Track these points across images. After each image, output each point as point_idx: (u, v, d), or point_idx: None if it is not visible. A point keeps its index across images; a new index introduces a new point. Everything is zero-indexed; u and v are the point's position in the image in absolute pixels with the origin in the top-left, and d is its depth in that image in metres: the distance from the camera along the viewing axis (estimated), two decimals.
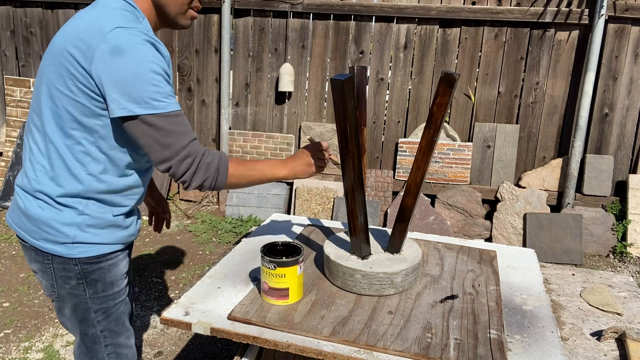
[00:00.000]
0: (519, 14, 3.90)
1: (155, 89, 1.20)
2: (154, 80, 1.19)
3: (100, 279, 1.40)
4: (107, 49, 1.17)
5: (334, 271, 1.46)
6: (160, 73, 1.21)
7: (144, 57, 1.18)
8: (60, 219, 1.32)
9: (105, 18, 1.22)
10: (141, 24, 1.27)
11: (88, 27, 1.21)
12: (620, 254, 3.83)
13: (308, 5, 4.17)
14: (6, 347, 2.56)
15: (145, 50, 1.19)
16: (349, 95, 1.27)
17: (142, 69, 1.18)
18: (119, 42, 1.17)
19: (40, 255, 1.36)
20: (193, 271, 3.46)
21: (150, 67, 1.19)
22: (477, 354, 1.17)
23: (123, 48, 1.17)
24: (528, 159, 4.18)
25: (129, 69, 1.17)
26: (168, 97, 1.22)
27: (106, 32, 1.18)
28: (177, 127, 1.23)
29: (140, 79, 1.18)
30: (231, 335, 1.24)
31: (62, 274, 1.37)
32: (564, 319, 1.54)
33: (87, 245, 1.35)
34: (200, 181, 1.29)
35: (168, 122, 1.22)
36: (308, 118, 4.43)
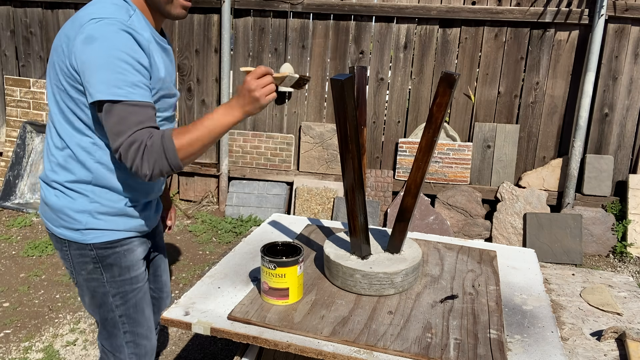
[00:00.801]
0: (519, 14, 3.90)
1: (119, 77, 1.20)
2: (119, 68, 1.20)
3: (116, 263, 1.45)
4: (81, 39, 1.22)
5: (334, 271, 1.46)
6: (129, 62, 1.22)
7: (112, 44, 1.21)
8: (74, 207, 1.39)
9: (88, 11, 1.26)
10: (129, 17, 1.29)
11: (72, 21, 1.28)
12: (620, 254, 3.83)
13: (308, 5, 4.17)
14: (6, 347, 2.56)
15: (116, 38, 1.21)
16: (349, 95, 1.27)
17: (109, 56, 1.20)
18: (92, 31, 1.21)
19: (60, 242, 1.44)
20: (193, 271, 3.46)
21: (118, 55, 1.20)
22: (477, 354, 1.17)
23: (95, 37, 1.21)
24: (528, 159, 4.18)
25: (97, 56, 1.20)
26: (132, 87, 1.22)
27: (83, 24, 1.23)
28: (133, 115, 1.22)
29: (106, 65, 1.20)
30: (231, 335, 1.24)
31: (79, 260, 1.43)
32: (564, 319, 1.54)
33: (100, 231, 1.40)
34: (151, 166, 1.24)
35: (124, 110, 1.22)
36: (308, 118, 4.43)
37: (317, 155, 4.39)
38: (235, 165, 4.55)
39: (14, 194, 4.51)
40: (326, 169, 4.40)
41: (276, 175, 4.47)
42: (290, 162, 4.45)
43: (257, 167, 4.52)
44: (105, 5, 1.29)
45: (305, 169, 4.43)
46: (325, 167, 4.40)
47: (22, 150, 4.57)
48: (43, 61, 4.80)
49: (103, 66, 1.20)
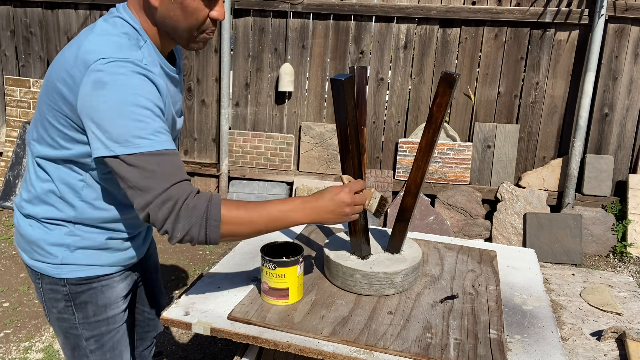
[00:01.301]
0: (519, 14, 3.90)
1: (139, 125, 1.05)
2: (137, 115, 1.05)
3: (91, 301, 1.28)
4: (89, 83, 1.05)
5: (334, 271, 1.46)
6: (148, 107, 1.07)
7: (127, 89, 1.05)
8: (49, 239, 1.24)
9: (94, 47, 1.09)
10: (139, 51, 1.14)
11: (75, 58, 1.09)
12: (620, 254, 3.83)
13: (308, 5, 4.17)
14: (6, 347, 2.56)
15: (131, 82, 1.06)
16: (349, 95, 1.27)
17: (124, 103, 1.05)
18: (101, 74, 1.05)
19: (33, 274, 1.30)
20: (193, 271, 3.46)
21: (135, 100, 1.05)
22: (477, 354, 1.17)
23: (105, 81, 1.05)
24: (528, 159, 4.18)
25: (110, 103, 1.04)
26: (155, 134, 1.07)
27: (90, 64, 1.06)
28: (161, 167, 1.07)
29: (121, 114, 1.04)
30: (231, 335, 1.24)
31: (50, 295, 1.28)
32: (564, 319, 1.54)
33: (77, 266, 1.25)
34: (185, 230, 1.09)
35: (151, 161, 1.06)
36: (308, 118, 4.43)
37: (317, 155, 4.39)
38: (235, 165, 4.55)
39: (14, 194, 4.51)
40: (326, 169, 4.40)
41: (276, 175, 4.47)
42: (290, 162, 4.45)
43: (257, 167, 4.52)
44: (112, 36, 1.12)
45: (305, 169, 4.43)
46: (325, 167, 4.40)
47: (22, 150, 4.57)
48: (43, 61, 4.80)
49: (119, 115, 1.04)
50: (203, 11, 1.15)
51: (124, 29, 1.15)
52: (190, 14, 1.14)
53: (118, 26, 1.15)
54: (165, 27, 1.18)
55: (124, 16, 1.17)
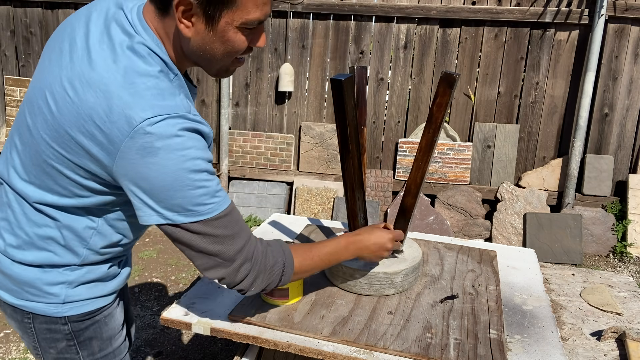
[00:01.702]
0: (519, 14, 3.90)
1: (200, 192, 0.96)
2: (198, 182, 0.96)
3: (96, 336, 1.17)
4: (135, 148, 0.91)
5: (334, 271, 1.46)
6: (204, 169, 0.96)
7: (183, 155, 0.93)
8: (47, 278, 1.09)
9: (131, 99, 0.91)
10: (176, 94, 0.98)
11: (108, 110, 0.91)
12: (620, 254, 3.83)
13: (308, 5, 4.17)
14: (6, 347, 2.56)
15: (184, 143, 0.93)
16: (349, 95, 1.27)
17: (183, 171, 0.93)
18: (151, 139, 0.91)
19: (18, 313, 1.12)
20: (193, 271, 3.46)
21: (192, 166, 0.94)
22: (477, 354, 1.17)
23: (155, 147, 0.91)
24: (528, 159, 4.18)
25: (164, 172, 0.93)
26: (215, 196, 0.99)
27: (135, 125, 0.90)
28: (228, 229, 1.02)
29: (181, 184, 0.94)
30: (231, 335, 1.24)
31: (46, 336, 1.13)
32: (564, 319, 1.54)
33: (79, 302, 1.12)
34: (263, 287, 1.11)
35: (217, 225, 1.00)
36: (308, 118, 4.43)
37: (317, 155, 4.39)
38: (235, 165, 4.55)
39: None
40: (326, 169, 4.40)
41: (276, 175, 4.47)
42: (290, 162, 4.45)
43: (257, 167, 4.52)
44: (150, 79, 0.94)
45: (305, 169, 4.43)
46: (325, 167, 4.40)
47: None
48: None
49: (176, 185, 0.94)
50: (245, 42, 1.01)
51: (156, 65, 0.97)
52: (232, 46, 1.00)
53: (149, 60, 0.96)
54: (197, 58, 1.03)
55: (149, 43, 0.98)
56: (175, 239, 1.01)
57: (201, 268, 1.05)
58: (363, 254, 1.30)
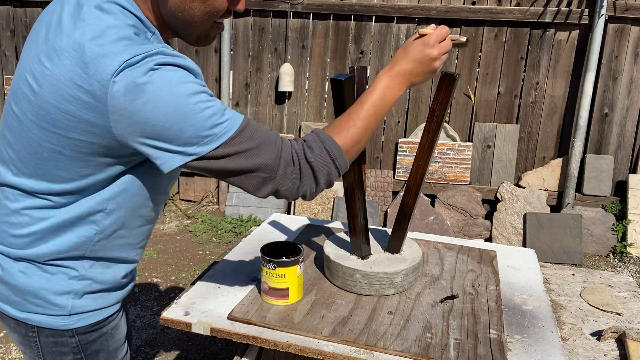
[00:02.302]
0: (519, 14, 3.90)
1: (208, 113, 0.91)
2: (200, 104, 0.90)
3: (103, 349, 1.13)
4: (120, 94, 0.86)
5: (334, 271, 1.46)
6: (202, 90, 0.92)
7: (172, 81, 0.88)
8: (52, 287, 1.03)
9: (104, 49, 0.87)
10: (150, 42, 0.94)
11: (84, 66, 0.87)
12: (620, 254, 3.83)
13: (308, 5, 4.17)
14: (6, 347, 2.56)
15: (167, 74, 0.89)
16: (349, 95, 1.27)
17: (180, 97, 0.88)
18: (130, 79, 0.86)
19: (22, 327, 1.07)
20: (193, 271, 3.46)
21: (187, 89, 0.90)
22: (477, 354, 1.17)
23: (140, 84, 0.86)
24: (528, 159, 4.18)
25: (164, 107, 0.87)
26: (225, 112, 0.94)
27: (113, 71, 0.86)
28: (255, 140, 0.96)
29: (184, 112, 0.89)
30: (231, 335, 1.24)
31: (52, 349, 1.08)
32: (564, 319, 1.54)
33: (87, 312, 1.08)
34: (324, 181, 1.04)
35: (241, 141, 0.94)
36: (308, 118, 4.43)
37: None
38: None
39: None
40: None
41: None
42: None
43: None
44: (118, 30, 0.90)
45: None
46: None
47: None
48: None
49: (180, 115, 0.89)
50: (225, 2, 0.99)
51: (127, 20, 0.93)
52: (211, 4, 0.98)
53: (118, 15, 0.92)
54: (175, 21, 1.00)
55: (120, 1, 0.95)
56: (210, 171, 0.95)
57: (251, 190, 1.00)
58: (413, 80, 1.11)
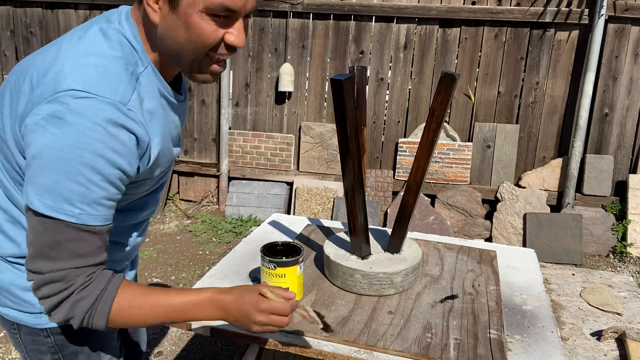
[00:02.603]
0: (519, 14, 3.90)
1: (78, 191, 0.85)
2: (82, 179, 0.85)
3: (81, 350, 1.10)
4: (46, 112, 0.84)
5: (334, 271, 1.46)
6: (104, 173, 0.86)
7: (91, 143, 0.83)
8: (21, 283, 1.03)
9: (75, 69, 0.87)
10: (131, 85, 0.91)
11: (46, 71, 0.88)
12: (620, 254, 3.83)
13: (308, 5, 4.17)
14: (6, 347, 2.56)
15: (96, 133, 0.83)
16: (349, 95, 1.27)
17: (76, 159, 0.83)
18: (65, 109, 0.83)
19: (6, 322, 1.09)
20: (193, 271, 3.46)
21: (91, 161, 0.84)
22: (477, 354, 1.17)
23: (65, 120, 0.83)
24: (528, 159, 4.18)
25: (57, 150, 0.83)
26: (91, 205, 0.87)
27: (58, 91, 0.84)
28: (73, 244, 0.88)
29: (65, 170, 0.84)
30: (231, 335, 1.24)
31: (32, 347, 1.08)
32: (564, 319, 1.54)
33: None
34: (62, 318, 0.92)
35: (66, 233, 0.87)
36: (308, 118, 4.43)
37: (317, 155, 4.39)
38: (235, 165, 4.55)
39: None
40: (326, 169, 4.40)
41: (276, 175, 4.47)
42: (290, 162, 4.45)
43: (257, 167, 4.52)
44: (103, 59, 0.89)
45: (305, 169, 4.44)
46: (325, 167, 4.40)
47: None
48: None
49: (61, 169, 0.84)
50: (214, 33, 0.90)
51: (120, 51, 0.92)
52: (196, 33, 0.90)
53: (114, 45, 0.92)
54: (166, 50, 0.95)
55: (125, 31, 0.94)
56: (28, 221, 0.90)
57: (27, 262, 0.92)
58: (228, 319, 0.98)
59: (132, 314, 0.93)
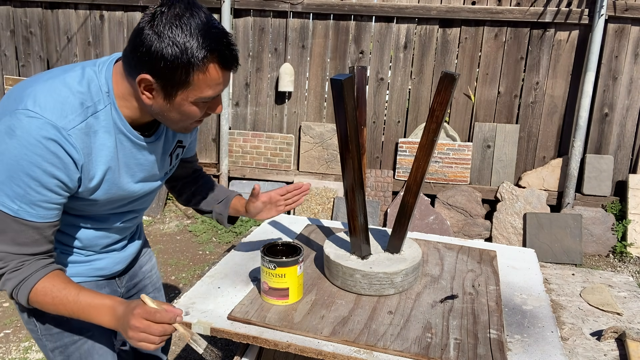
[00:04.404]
0: (519, 14, 3.90)
1: (17, 192, 1.02)
2: (22, 183, 1.01)
3: (49, 314, 1.23)
4: (4, 124, 1.01)
5: (334, 271, 1.46)
6: (39, 179, 1.02)
7: (28, 153, 1.00)
8: None
9: (39, 94, 1.04)
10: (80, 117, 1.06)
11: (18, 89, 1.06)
12: (620, 253, 3.83)
13: (308, 5, 4.17)
14: (6, 347, 2.56)
15: (36, 147, 1.00)
16: (348, 95, 1.27)
17: (17, 165, 1.00)
18: (17, 123, 1.00)
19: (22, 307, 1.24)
20: (193, 271, 3.46)
21: (30, 170, 1.01)
22: (477, 354, 1.17)
23: (15, 133, 1.00)
24: (528, 159, 4.18)
25: (5, 156, 1.00)
26: (29, 205, 1.04)
27: (17, 107, 1.02)
28: (12, 233, 1.05)
29: (8, 171, 1.01)
30: (231, 335, 1.24)
31: (16, 304, 1.24)
32: (564, 319, 1.54)
33: None
34: None
35: (9, 226, 1.04)
36: (308, 118, 4.43)
37: (317, 155, 4.39)
38: (235, 165, 4.55)
39: None
40: (326, 169, 4.40)
41: (276, 175, 4.47)
42: (290, 162, 4.45)
43: (257, 167, 4.52)
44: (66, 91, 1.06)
45: (305, 169, 4.43)
46: (325, 167, 4.40)
47: None
48: (43, 61, 4.80)
49: (5, 170, 1.01)
50: (201, 110, 1.11)
51: (85, 88, 1.08)
52: (187, 115, 1.10)
53: (83, 82, 1.08)
54: (157, 117, 1.13)
55: (100, 75, 1.10)
56: None
57: None
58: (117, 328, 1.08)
59: (46, 302, 1.09)
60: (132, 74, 1.06)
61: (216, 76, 1.05)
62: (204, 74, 1.03)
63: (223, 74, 1.06)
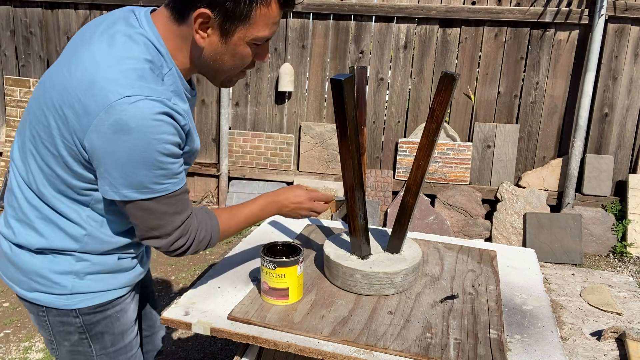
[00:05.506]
0: (519, 14, 3.90)
1: (161, 173, 1.02)
2: (162, 164, 1.01)
3: (107, 331, 1.22)
4: (108, 122, 0.96)
5: (334, 271, 1.46)
6: (171, 152, 1.02)
7: (153, 137, 0.97)
8: (55, 267, 1.13)
9: (114, 74, 0.97)
10: (162, 83, 1.03)
11: (90, 83, 0.97)
12: (620, 253, 3.83)
13: (308, 5, 4.17)
14: (6, 347, 2.56)
15: (156, 127, 0.97)
16: (348, 95, 1.27)
17: (150, 152, 0.98)
18: (125, 116, 0.95)
19: (34, 307, 1.18)
20: (193, 271, 3.46)
21: (163, 149, 1.00)
22: (477, 354, 1.17)
23: (129, 126, 0.95)
24: (528, 159, 4.18)
25: (134, 152, 0.97)
26: (173, 177, 1.06)
27: (111, 101, 0.95)
28: (173, 207, 1.09)
29: (145, 163, 0.99)
30: (231, 335, 1.24)
31: (60, 328, 1.19)
32: (564, 319, 1.54)
33: (88, 294, 1.17)
34: (192, 253, 1.19)
35: (164, 203, 1.07)
36: (308, 118, 4.43)
37: (317, 155, 4.39)
38: (235, 165, 4.55)
39: None
40: (326, 169, 4.40)
41: (276, 175, 4.47)
42: (290, 162, 4.45)
43: (257, 167, 4.52)
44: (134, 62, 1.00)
45: (305, 168, 4.43)
46: (325, 167, 4.40)
47: None
48: (43, 61, 4.80)
49: (141, 164, 0.99)
50: (250, 56, 1.10)
51: (148, 54, 1.02)
52: (240, 58, 1.09)
53: (142, 48, 1.02)
54: (206, 67, 1.11)
55: (149, 35, 1.04)
56: (126, 211, 1.08)
57: (140, 237, 1.13)
58: (282, 211, 1.39)
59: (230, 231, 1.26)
60: (185, 12, 1.01)
61: (276, 13, 1.04)
62: (266, 8, 1.02)
63: (279, 13, 1.06)
